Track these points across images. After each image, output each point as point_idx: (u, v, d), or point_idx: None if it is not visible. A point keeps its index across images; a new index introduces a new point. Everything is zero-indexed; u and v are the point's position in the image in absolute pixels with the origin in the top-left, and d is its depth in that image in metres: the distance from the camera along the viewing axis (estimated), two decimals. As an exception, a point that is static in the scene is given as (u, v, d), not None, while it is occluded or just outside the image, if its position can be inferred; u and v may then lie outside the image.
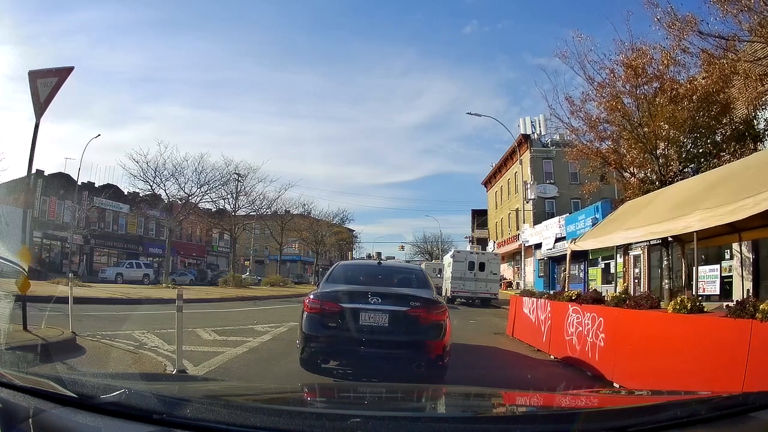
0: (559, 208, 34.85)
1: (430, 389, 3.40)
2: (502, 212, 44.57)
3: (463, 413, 2.23)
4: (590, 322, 7.46)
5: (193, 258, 50.43)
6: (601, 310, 7.26)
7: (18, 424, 1.56)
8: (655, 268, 21.92)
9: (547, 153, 38.88)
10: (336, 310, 5.66)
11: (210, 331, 9.34)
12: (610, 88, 13.24)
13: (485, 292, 23.95)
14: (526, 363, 8.37)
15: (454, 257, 25.02)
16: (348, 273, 6.92)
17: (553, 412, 2.10)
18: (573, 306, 8.34)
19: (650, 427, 1.60)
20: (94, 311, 11.74)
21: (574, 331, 8.08)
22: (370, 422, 1.53)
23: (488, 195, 51.15)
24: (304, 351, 5.71)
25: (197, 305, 15.77)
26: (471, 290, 23.89)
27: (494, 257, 26.48)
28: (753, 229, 8.24)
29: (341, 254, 61.23)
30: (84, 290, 17.12)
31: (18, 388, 1.67)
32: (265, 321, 11.66)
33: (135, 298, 16.55)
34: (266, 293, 25.12)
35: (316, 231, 44.73)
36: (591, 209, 25.08)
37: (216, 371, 6.09)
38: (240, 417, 1.52)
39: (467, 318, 16.04)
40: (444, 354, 5.68)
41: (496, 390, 3.61)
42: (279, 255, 43.69)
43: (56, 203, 36.46)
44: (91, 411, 1.56)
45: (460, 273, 24.08)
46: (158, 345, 7.52)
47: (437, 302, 6.05)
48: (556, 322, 8.91)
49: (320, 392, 2.81)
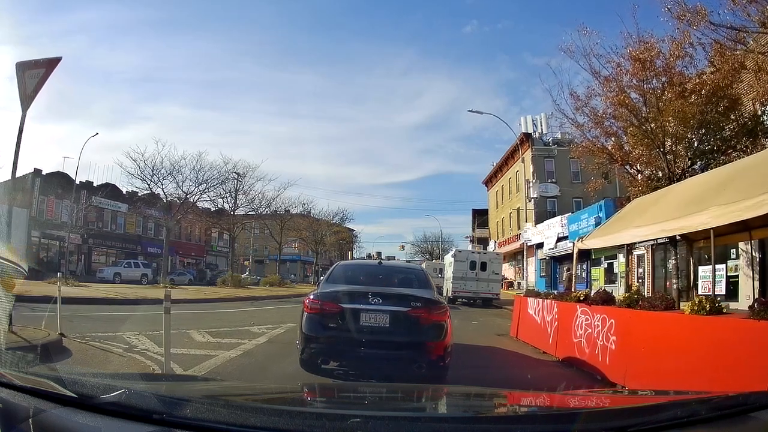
0: (560, 208, 34.61)
1: (430, 389, 3.39)
2: (503, 212, 44.23)
3: (463, 413, 2.22)
4: (600, 323, 7.17)
5: (192, 258, 50.13)
6: (612, 311, 6.99)
7: (18, 424, 1.56)
8: (659, 268, 21.51)
9: (548, 152, 38.53)
10: (336, 310, 5.60)
11: (204, 333, 9.01)
12: (616, 83, 12.91)
13: (487, 292, 23.77)
14: (531, 365, 8.19)
15: (456, 257, 24.83)
16: (348, 273, 6.85)
17: (553, 412, 2.10)
18: (582, 307, 7.97)
19: (650, 427, 1.60)
20: (87, 312, 11.42)
21: (583, 333, 7.75)
22: (370, 422, 1.53)
23: (489, 194, 50.81)
24: (304, 351, 5.66)
25: (193, 306, 15.58)
26: (472, 290, 23.71)
27: (496, 257, 26.29)
28: (764, 227, 7.86)
29: (341, 254, 60.85)
30: (79, 290, 16.89)
31: (18, 388, 1.68)
32: (262, 322, 11.34)
33: (131, 299, 16.27)
34: (265, 293, 24.81)
35: (315, 230, 44.33)
36: (594, 208, 24.72)
37: (207, 376, 5.95)
38: (240, 417, 1.53)
39: (469, 318, 15.86)
40: (445, 354, 5.64)
41: (496, 390, 3.60)
42: (278, 255, 43.18)
43: (54, 202, 36.00)
44: (91, 411, 1.57)
45: (461, 273, 23.88)
46: (148, 347, 7.26)
47: (438, 302, 6.01)
48: (563, 324, 8.55)
49: (320, 392, 2.81)
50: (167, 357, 5.37)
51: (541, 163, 38.83)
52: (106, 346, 7.31)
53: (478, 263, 24.08)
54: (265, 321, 11.71)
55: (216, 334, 9.11)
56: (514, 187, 41.76)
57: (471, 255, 25.44)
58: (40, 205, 35.93)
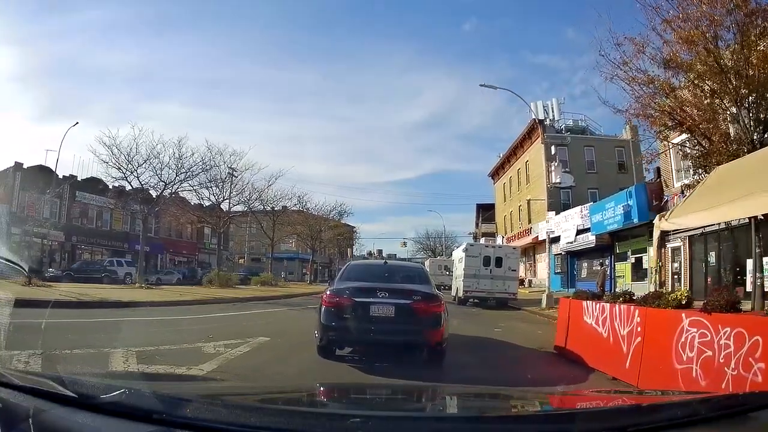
0: (575, 199, 32.43)
1: (431, 389, 3.40)
2: (512, 205, 41.27)
3: (463, 413, 2.20)
4: (732, 342, 4.86)
5: (183, 256, 47.48)
6: (754, 323, 4.76)
7: (18, 424, 1.56)
8: (697, 262, 18.59)
9: (561, 140, 35.46)
10: (350, 303, 6.53)
11: (131, 356, 6.25)
12: (688, 17, 9.79)
13: (503, 291, 20.79)
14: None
15: (467, 251, 21.81)
16: (359, 271, 7.96)
17: (553, 412, 2.11)
18: (693, 316, 4.92)
19: (650, 427, 1.58)
20: (18, 318, 8.36)
21: (696, 357, 5.38)
22: (370, 422, 1.55)
23: (495, 187, 47.89)
24: (322, 339, 6.67)
25: (159, 310, 13.85)
26: (487, 289, 20.72)
27: (512, 251, 22.89)
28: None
29: (340, 251, 58.14)
30: (38, 291, 15.01)
31: (18, 388, 1.69)
32: (225, 335, 8.59)
33: (86, 301, 14.35)
34: (252, 294, 22.10)
35: (311, 225, 40.95)
36: (623, 195, 21.68)
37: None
38: (240, 417, 1.52)
39: (490, 324, 13.48)
40: (442, 340, 6.68)
41: (496, 390, 3.57)
42: (271, 252, 40.04)
43: (35, 198, 32.92)
44: (91, 411, 1.57)
45: (473, 270, 20.99)
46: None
47: (436, 296, 6.98)
48: (654, 341, 5.67)
49: (320, 392, 2.72)
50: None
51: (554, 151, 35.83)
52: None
53: (492, 258, 21.16)
54: (230, 334, 8.90)
55: (147, 358, 6.37)
56: (524, 178, 38.80)
57: (485, 249, 22.56)
58: (20, 199, 32.85)
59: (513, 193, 42.65)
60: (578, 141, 37.34)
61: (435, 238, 70.72)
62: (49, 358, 5.95)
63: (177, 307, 15.27)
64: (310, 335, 7.40)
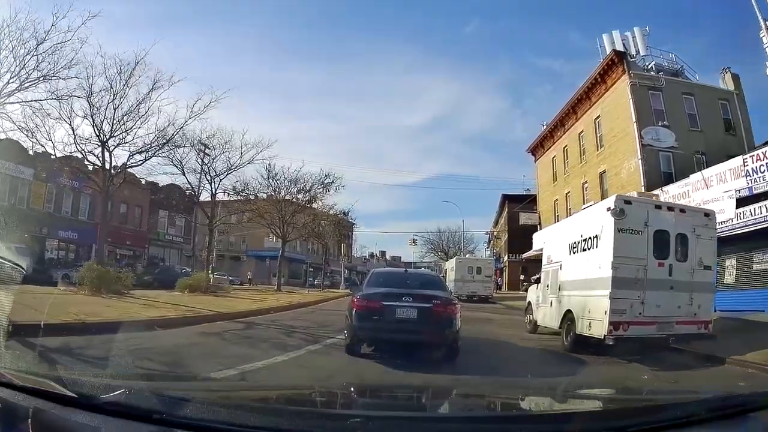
0: (678, 168, 22.46)
1: (431, 389, 3.52)
2: (568, 184, 29.55)
3: (463, 413, 2.29)
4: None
5: (127, 248, 36.10)
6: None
7: (18, 424, 1.61)
8: None
9: (653, 82, 23.41)
10: (377, 306, 7.81)
11: None
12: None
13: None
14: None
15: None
16: (382, 278, 9.49)
17: (553, 412, 2.18)
18: None
19: (650, 427, 1.62)
20: None
21: None
22: (370, 422, 1.60)
23: (538, 165, 37.33)
24: (352, 339, 8.02)
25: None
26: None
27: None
28: None
29: (339, 248, 46.97)
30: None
31: (18, 388, 1.74)
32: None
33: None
34: (118, 313, 10.24)
35: (280, 203, 28.65)
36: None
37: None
38: (240, 417, 1.57)
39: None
40: (457, 339, 8.11)
41: (496, 390, 3.69)
42: (247, 249, 28.25)
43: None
44: (91, 411, 1.62)
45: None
46: None
47: (452, 301, 8.57)
48: None
49: (321, 392, 2.80)
50: None
51: (645, 97, 23.56)
52: None
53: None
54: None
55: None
56: (592, 143, 27.26)
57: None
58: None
59: (568, 170, 30.72)
60: (674, 86, 25.22)
61: (448, 237, 58.63)
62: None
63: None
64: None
